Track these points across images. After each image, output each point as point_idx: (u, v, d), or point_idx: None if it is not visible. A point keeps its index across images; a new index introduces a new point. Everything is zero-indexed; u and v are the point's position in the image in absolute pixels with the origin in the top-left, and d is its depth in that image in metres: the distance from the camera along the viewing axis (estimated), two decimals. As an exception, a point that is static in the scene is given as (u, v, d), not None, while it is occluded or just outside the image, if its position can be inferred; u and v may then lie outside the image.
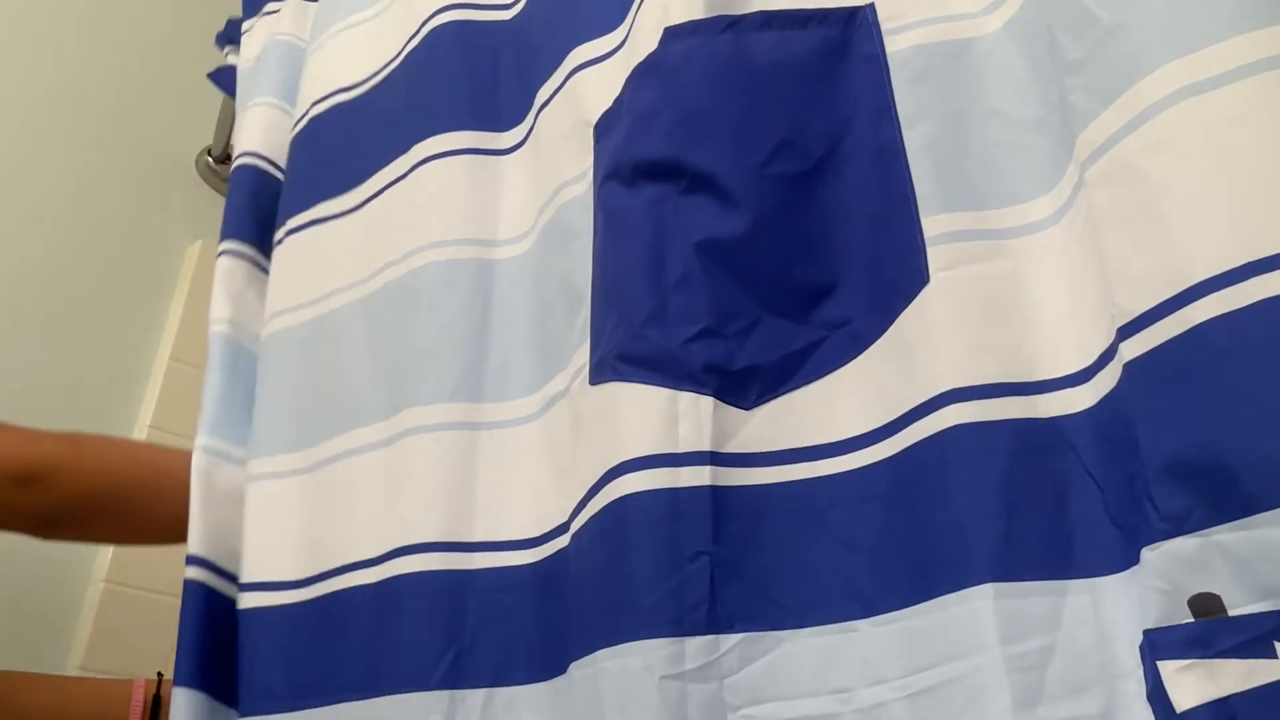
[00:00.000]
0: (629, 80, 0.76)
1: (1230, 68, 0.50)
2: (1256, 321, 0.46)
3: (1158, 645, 0.48)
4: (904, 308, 0.63)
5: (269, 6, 1.18)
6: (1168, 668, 0.46)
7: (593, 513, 0.66)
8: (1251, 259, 0.47)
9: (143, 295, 1.39)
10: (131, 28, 1.49)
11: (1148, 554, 0.49)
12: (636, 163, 0.72)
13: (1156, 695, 0.47)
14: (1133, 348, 0.51)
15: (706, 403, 0.64)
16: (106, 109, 1.43)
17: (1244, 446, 0.46)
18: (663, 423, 0.64)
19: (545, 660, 0.69)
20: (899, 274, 0.63)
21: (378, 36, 1.04)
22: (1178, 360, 0.49)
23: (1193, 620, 0.47)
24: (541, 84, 0.88)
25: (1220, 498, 0.46)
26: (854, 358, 0.63)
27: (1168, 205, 0.51)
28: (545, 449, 0.76)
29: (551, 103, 0.86)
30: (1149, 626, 0.48)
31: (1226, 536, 0.46)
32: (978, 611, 0.53)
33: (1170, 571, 0.47)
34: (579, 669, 0.64)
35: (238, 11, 1.46)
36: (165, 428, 1.37)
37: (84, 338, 1.31)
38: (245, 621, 0.82)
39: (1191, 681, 0.46)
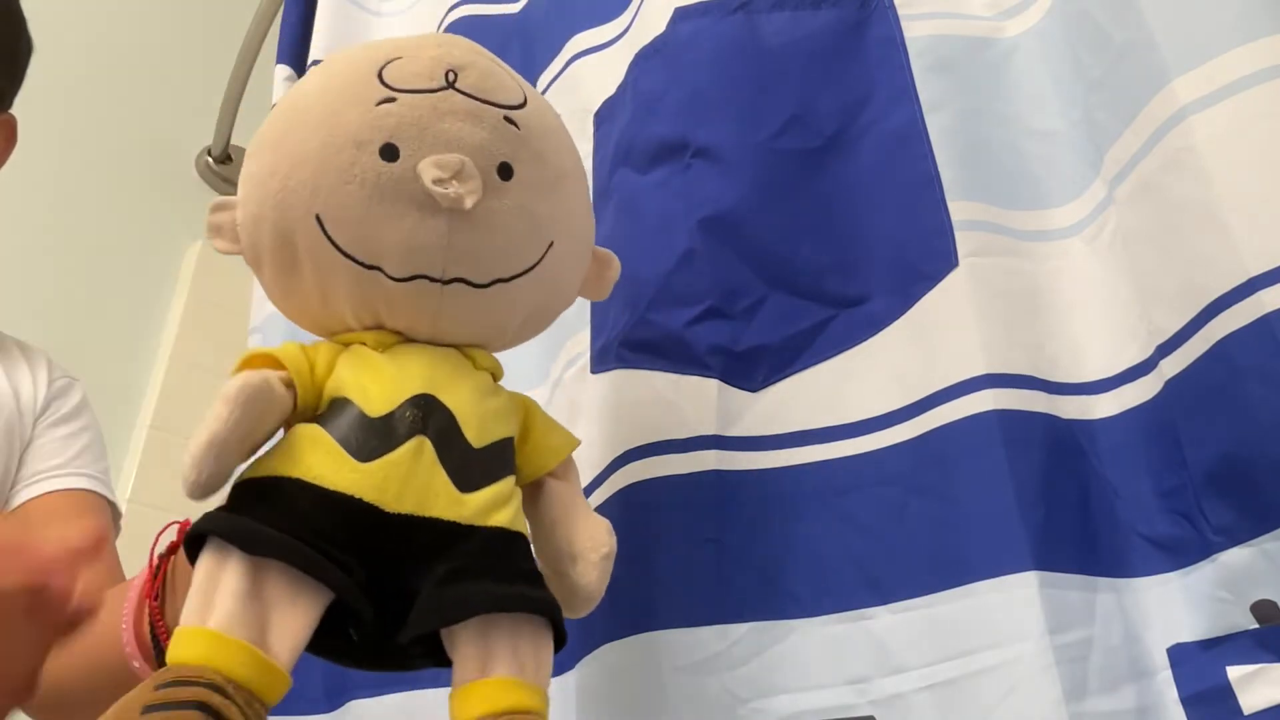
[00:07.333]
0: (634, 63, 0.75)
1: (1233, 79, 0.51)
2: (1263, 334, 0.47)
3: (1222, 651, 0.48)
4: (928, 290, 0.61)
5: None
6: (1235, 672, 0.47)
7: (598, 503, 0.64)
8: (1259, 272, 0.47)
9: (143, 295, 1.38)
10: (132, 27, 1.48)
11: (1206, 564, 0.49)
12: (645, 143, 0.70)
13: (1209, 697, 0.48)
14: (1171, 365, 0.52)
15: (710, 386, 0.62)
16: (107, 109, 1.42)
17: (1272, 456, 0.47)
18: (666, 408, 0.62)
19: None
20: (923, 256, 0.61)
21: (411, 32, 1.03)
22: (1207, 377, 0.50)
23: (1258, 626, 0.47)
24: (541, 72, 0.86)
25: (1264, 508, 0.47)
26: (869, 338, 0.61)
27: (1186, 224, 0.51)
28: None
29: (549, 90, 0.84)
30: (1211, 633, 0.49)
31: (1272, 545, 0.46)
32: (1021, 599, 0.51)
33: (1230, 580, 0.48)
34: (587, 664, 0.62)
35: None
36: (165, 427, 1.36)
37: (84, 338, 1.30)
38: None
39: (1260, 685, 0.46)
